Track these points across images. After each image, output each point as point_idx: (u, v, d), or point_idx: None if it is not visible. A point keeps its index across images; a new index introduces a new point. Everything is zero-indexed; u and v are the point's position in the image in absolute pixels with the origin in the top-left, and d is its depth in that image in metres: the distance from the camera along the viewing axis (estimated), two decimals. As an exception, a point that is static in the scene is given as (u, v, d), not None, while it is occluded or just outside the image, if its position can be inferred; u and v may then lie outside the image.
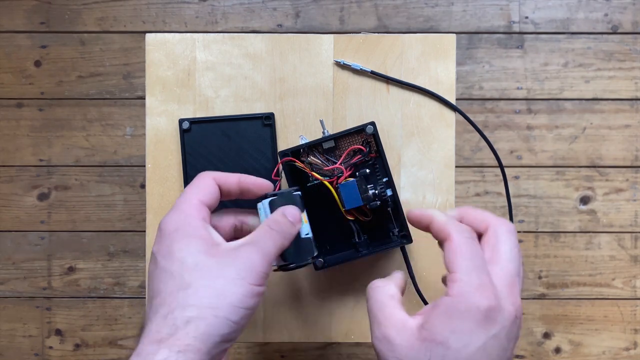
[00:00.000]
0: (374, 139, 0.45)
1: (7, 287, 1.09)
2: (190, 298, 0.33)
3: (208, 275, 0.34)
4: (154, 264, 0.35)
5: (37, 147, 1.09)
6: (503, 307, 0.33)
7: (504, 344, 0.33)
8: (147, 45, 0.49)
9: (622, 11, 1.09)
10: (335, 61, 0.49)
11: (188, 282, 0.33)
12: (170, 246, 0.35)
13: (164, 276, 0.34)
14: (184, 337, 0.31)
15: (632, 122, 1.07)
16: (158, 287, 0.34)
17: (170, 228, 0.35)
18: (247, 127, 0.48)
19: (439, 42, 0.49)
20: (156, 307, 0.33)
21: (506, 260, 0.35)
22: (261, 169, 0.48)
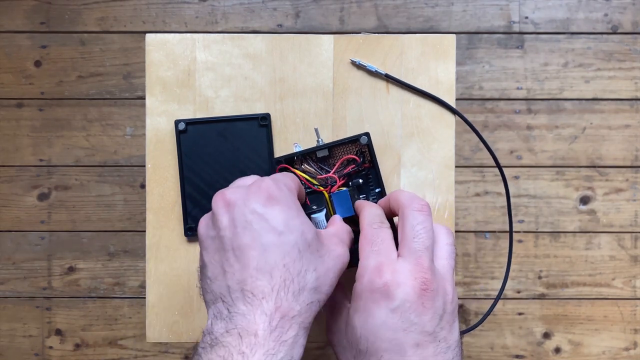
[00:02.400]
0: (368, 150, 0.45)
1: (7, 287, 1.09)
2: (316, 281, 0.35)
3: (322, 261, 0.36)
4: (282, 236, 0.35)
5: (37, 147, 1.09)
6: (401, 282, 0.35)
7: (410, 318, 0.34)
8: (147, 45, 0.49)
9: (622, 11, 1.09)
10: (352, 60, 0.49)
11: (314, 266, 0.35)
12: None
13: (292, 252, 0.34)
14: (308, 316, 0.34)
15: (632, 122, 1.07)
16: (280, 262, 0.34)
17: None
18: (243, 127, 0.48)
19: (439, 42, 0.49)
20: (280, 281, 0.33)
21: (409, 239, 0.36)
22: (257, 170, 0.47)
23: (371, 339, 0.35)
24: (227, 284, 0.34)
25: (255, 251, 0.33)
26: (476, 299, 1.06)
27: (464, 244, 1.07)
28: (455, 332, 0.36)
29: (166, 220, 0.50)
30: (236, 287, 0.33)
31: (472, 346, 1.05)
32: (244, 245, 0.34)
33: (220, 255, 0.35)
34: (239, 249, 0.34)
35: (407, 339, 0.34)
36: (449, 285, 0.37)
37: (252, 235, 0.34)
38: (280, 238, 0.34)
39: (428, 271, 0.35)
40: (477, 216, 1.08)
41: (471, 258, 1.07)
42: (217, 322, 0.33)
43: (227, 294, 0.34)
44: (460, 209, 1.07)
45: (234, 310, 0.33)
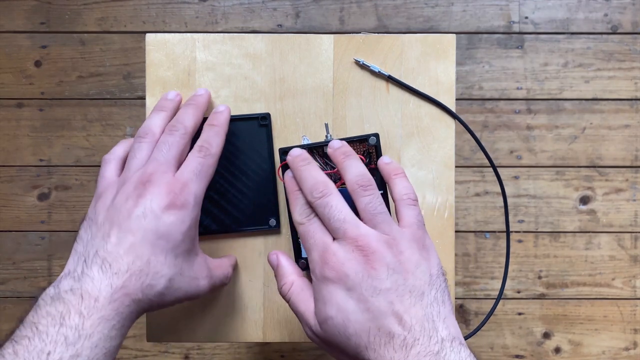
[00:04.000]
0: (375, 151, 0.45)
1: (7, 287, 1.09)
2: (165, 289, 0.40)
3: (180, 279, 0.42)
4: (160, 240, 0.39)
5: (37, 147, 1.09)
6: (343, 260, 0.36)
7: (369, 283, 0.35)
8: (147, 45, 0.49)
9: (622, 11, 1.09)
10: (355, 60, 0.49)
11: (170, 277, 0.41)
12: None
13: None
14: (147, 306, 0.40)
15: (631, 122, 1.07)
16: (147, 257, 0.38)
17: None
18: (243, 127, 0.48)
19: (438, 42, 0.49)
20: (137, 270, 0.38)
21: (327, 223, 0.39)
22: (258, 170, 0.47)
23: (352, 322, 0.35)
24: (97, 249, 0.37)
25: (133, 237, 0.37)
26: (476, 299, 1.06)
27: (464, 244, 1.07)
28: (420, 275, 0.36)
29: (166, 220, 0.50)
30: (102, 254, 0.37)
31: (472, 346, 1.05)
32: (129, 228, 0.37)
33: (109, 223, 0.38)
34: (123, 229, 0.37)
35: (379, 304, 0.35)
36: (397, 238, 0.37)
37: (140, 225, 0.37)
38: (158, 240, 0.38)
39: (359, 238, 0.36)
40: (477, 216, 1.08)
41: (471, 258, 1.07)
42: (66, 279, 0.37)
43: (92, 255, 0.37)
44: (460, 209, 1.07)
45: (86, 273, 0.36)
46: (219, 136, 0.43)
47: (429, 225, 0.48)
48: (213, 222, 0.47)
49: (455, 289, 0.50)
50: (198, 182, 0.40)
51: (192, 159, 0.41)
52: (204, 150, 0.41)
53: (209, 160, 0.41)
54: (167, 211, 0.38)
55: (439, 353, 0.33)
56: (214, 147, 0.42)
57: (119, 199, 0.39)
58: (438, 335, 0.34)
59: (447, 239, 0.49)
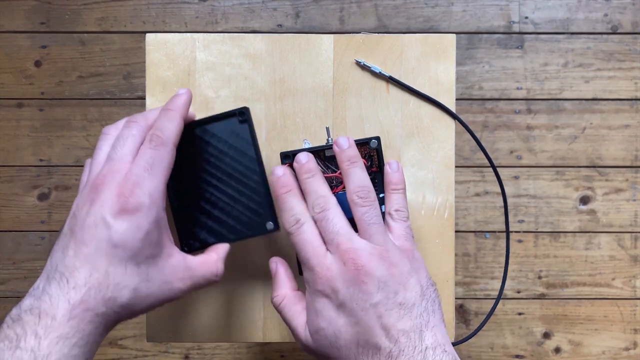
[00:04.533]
0: (376, 154, 0.45)
1: (7, 287, 1.09)
2: (130, 300, 0.39)
3: (148, 286, 0.40)
4: (116, 249, 0.37)
5: (37, 147, 1.09)
6: (334, 275, 0.36)
7: (359, 297, 0.36)
8: (147, 45, 0.49)
9: (622, 11, 1.09)
10: (356, 61, 0.49)
11: (135, 285, 0.39)
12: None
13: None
14: (112, 320, 0.38)
15: (631, 122, 1.07)
16: (104, 268, 0.36)
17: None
18: (222, 127, 0.44)
19: (438, 42, 0.49)
20: (96, 283, 0.36)
21: (323, 233, 0.39)
22: (246, 171, 0.44)
23: (342, 334, 0.36)
24: (57, 263, 0.36)
25: (88, 248, 0.35)
26: (476, 299, 1.06)
27: (464, 244, 1.07)
28: (411, 287, 0.36)
29: (166, 220, 0.50)
30: (60, 269, 0.35)
31: (472, 346, 1.05)
32: (83, 239, 0.35)
33: (69, 233, 0.37)
34: (79, 240, 0.36)
35: (368, 319, 0.35)
36: (390, 250, 0.37)
37: (93, 235, 0.35)
38: (114, 250, 0.35)
39: (350, 251, 0.36)
40: (477, 216, 1.08)
41: (471, 258, 1.07)
42: (28, 297, 0.35)
43: (53, 270, 0.36)
44: (460, 209, 1.07)
45: (46, 290, 0.35)
46: (173, 121, 0.39)
47: (429, 225, 0.48)
48: (209, 234, 0.44)
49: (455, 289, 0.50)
50: (152, 178, 0.37)
51: (142, 153, 0.37)
52: (155, 139, 0.38)
53: (162, 150, 0.37)
54: (119, 218, 0.35)
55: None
56: (166, 134, 0.38)
57: (76, 206, 0.37)
58: (423, 345, 0.35)
59: (447, 239, 0.49)
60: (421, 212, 0.49)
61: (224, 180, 0.44)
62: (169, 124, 0.39)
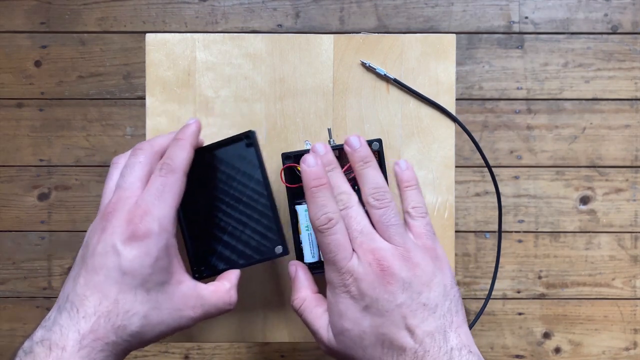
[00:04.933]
0: (378, 156, 0.44)
1: (7, 287, 1.09)
2: (141, 327, 0.38)
3: (158, 313, 0.39)
4: (125, 277, 0.37)
5: (37, 147, 1.09)
6: (360, 276, 0.37)
7: (384, 298, 0.36)
8: (147, 45, 0.49)
9: (622, 11, 1.09)
10: (362, 62, 0.49)
11: (145, 313, 0.39)
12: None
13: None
14: (124, 348, 0.37)
15: (632, 122, 1.07)
16: (113, 296, 0.37)
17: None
18: (230, 152, 0.44)
19: (439, 42, 0.49)
20: (106, 311, 0.36)
21: (350, 232, 0.39)
22: (254, 195, 0.43)
23: (367, 335, 0.36)
24: (68, 292, 0.36)
25: (98, 276, 0.35)
26: (476, 299, 1.06)
27: (464, 244, 1.07)
28: (434, 287, 0.37)
29: (166, 220, 0.50)
30: (71, 298, 0.35)
31: (472, 346, 1.05)
32: (94, 266, 0.35)
33: (81, 262, 0.37)
34: (89, 268, 0.35)
35: (393, 319, 0.36)
36: (412, 250, 0.38)
37: (103, 263, 0.35)
38: (123, 277, 0.35)
39: (374, 251, 0.37)
40: (477, 216, 1.08)
41: (471, 258, 1.07)
42: (40, 329, 0.35)
43: (64, 301, 0.35)
44: (460, 209, 1.07)
45: (57, 320, 0.34)
46: (182, 150, 0.39)
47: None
48: (219, 260, 0.44)
49: (455, 289, 0.50)
50: (161, 204, 0.37)
51: (153, 180, 0.38)
52: (165, 167, 0.38)
53: (172, 177, 0.38)
54: (128, 244, 0.35)
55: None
56: (176, 162, 0.39)
57: (89, 234, 0.37)
58: (448, 345, 0.35)
59: (447, 239, 0.49)
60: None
61: (233, 205, 0.44)
62: (179, 152, 0.39)
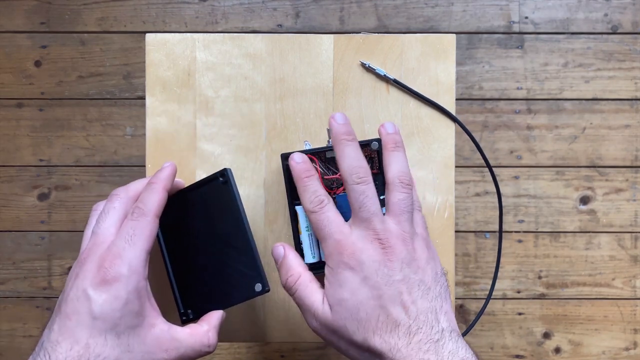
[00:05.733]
0: (377, 156, 0.44)
1: (7, 287, 1.09)
2: None
3: (131, 356, 0.39)
4: (96, 321, 0.37)
5: (37, 147, 1.09)
6: (362, 247, 0.38)
7: (384, 272, 0.37)
8: (147, 45, 0.49)
9: (622, 11, 1.09)
10: (361, 62, 0.49)
11: (117, 356, 0.39)
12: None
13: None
14: None
15: (632, 122, 1.07)
16: (84, 340, 0.37)
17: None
18: (206, 192, 0.43)
19: (439, 42, 0.49)
20: (76, 356, 0.36)
21: (356, 210, 0.39)
22: (233, 232, 0.42)
23: (363, 306, 0.37)
24: (44, 340, 0.36)
25: (70, 322, 0.36)
26: (476, 299, 1.06)
27: (464, 244, 1.07)
28: (428, 272, 0.38)
29: (166, 220, 0.50)
30: (45, 345, 0.36)
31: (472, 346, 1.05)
32: (66, 312, 0.36)
33: (57, 309, 0.37)
34: (62, 314, 0.36)
35: (390, 293, 0.37)
36: (414, 236, 0.39)
37: (74, 308, 0.36)
38: (94, 322, 0.36)
39: (381, 232, 0.38)
40: (477, 216, 1.08)
41: (471, 258, 1.07)
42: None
43: (39, 349, 0.36)
44: (460, 209, 1.07)
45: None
46: (154, 193, 0.40)
47: (429, 225, 0.48)
48: (203, 301, 0.44)
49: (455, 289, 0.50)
50: (131, 248, 0.37)
51: (124, 225, 0.39)
52: (137, 211, 0.39)
53: (143, 221, 0.39)
54: (97, 289, 0.36)
55: (438, 341, 0.36)
56: (148, 206, 0.39)
57: (67, 281, 0.38)
58: (439, 326, 0.37)
59: (447, 239, 0.49)
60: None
61: (213, 243, 0.43)
62: (151, 196, 0.40)
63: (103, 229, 0.39)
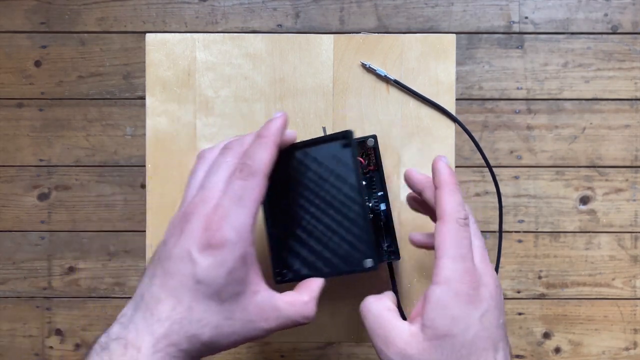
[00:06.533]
0: (374, 152, 0.45)
1: (7, 287, 1.09)
2: (211, 338, 0.38)
3: (231, 324, 0.39)
4: (199, 285, 0.36)
5: (37, 147, 1.09)
6: (486, 282, 0.36)
7: (496, 314, 0.36)
8: (147, 45, 0.49)
9: (622, 11, 1.09)
10: (362, 63, 0.49)
11: (217, 323, 0.38)
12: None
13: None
14: (197, 354, 0.37)
15: (632, 122, 1.07)
16: (187, 303, 0.36)
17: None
18: (324, 151, 0.41)
19: (439, 42, 0.49)
20: (178, 318, 0.36)
21: (476, 238, 0.38)
22: (346, 201, 0.40)
23: (466, 346, 0.35)
24: (144, 292, 0.35)
25: (173, 281, 0.35)
26: (476, 299, 1.06)
27: (464, 244, 1.07)
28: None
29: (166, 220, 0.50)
30: (146, 298, 0.35)
31: (472, 346, 1.05)
32: (169, 270, 0.35)
33: (157, 261, 0.36)
34: (165, 270, 0.35)
35: (496, 336, 0.36)
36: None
37: (178, 268, 0.35)
38: (197, 286, 0.34)
39: (491, 266, 0.38)
40: (477, 216, 1.07)
41: (471, 258, 1.07)
42: (116, 324, 0.35)
43: (139, 299, 0.35)
44: (460, 209, 1.07)
45: (133, 319, 0.34)
46: (265, 149, 0.37)
47: (429, 225, 0.49)
48: (303, 265, 0.42)
49: (455, 289, 0.50)
50: (240, 211, 0.35)
51: (232, 183, 0.36)
52: (246, 168, 0.36)
53: (252, 181, 0.36)
54: (203, 252, 0.34)
55: None
56: (257, 163, 0.36)
57: (168, 232, 0.37)
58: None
59: (447, 239, 0.49)
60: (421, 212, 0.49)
61: (322, 208, 0.41)
62: (261, 152, 0.37)
63: (212, 182, 0.36)
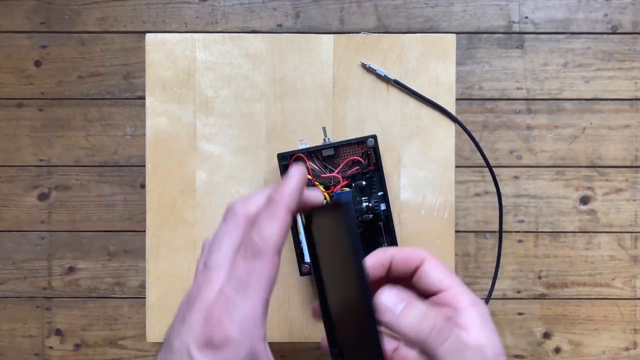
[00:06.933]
0: (373, 152, 0.45)
1: (7, 287, 1.09)
2: None
3: None
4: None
5: (37, 147, 1.09)
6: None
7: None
8: (147, 45, 0.49)
9: (622, 11, 1.09)
10: (362, 63, 0.49)
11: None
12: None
13: None
14: None
15: (631, 122, 1.07)
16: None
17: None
18: (327, 222, 0.31)
19: (438, 42, 0.49)
20: None
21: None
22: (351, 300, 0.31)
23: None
24: None
25: None
26: (476, 299, 1.06)
27: (464, 244, 1.07)
28: None
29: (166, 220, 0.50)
30: None
31: (472, 346, 1.05)
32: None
33: (167, 347, 0.31)
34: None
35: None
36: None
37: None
38: None
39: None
40: (477, 216, 1.08)
41: (471, 258, 1.07)
42: None
43: None
44: (460, 209, 1.07)
45: None
46: (275, 220, 0.29)
47: (429, 225, 0.48)
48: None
49: (455, 289, 0.50)
50: (245, 301, 0.28)
51: (236, 265, 0.29)
52: (251, 246, 0.28)
53: (259, 262, 0.28)
54: (202, 351, 0.28)
55: None
56: (265, 238, 0.28)
57: (175, 315, 0.31)
58: None
59: (447, 239, 0.49)
60: (421, 212, 0.49)
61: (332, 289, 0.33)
62: (270, 224, 0.29)
63: (214, 261, 0.30)
